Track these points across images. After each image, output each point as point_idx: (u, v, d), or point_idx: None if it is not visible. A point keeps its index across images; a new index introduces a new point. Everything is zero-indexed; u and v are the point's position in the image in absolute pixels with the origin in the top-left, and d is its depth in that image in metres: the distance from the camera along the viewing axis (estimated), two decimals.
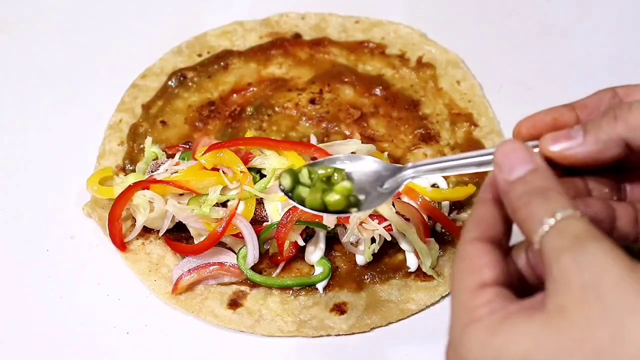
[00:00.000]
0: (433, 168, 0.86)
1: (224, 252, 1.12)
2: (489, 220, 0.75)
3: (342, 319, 1.08)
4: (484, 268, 0.72)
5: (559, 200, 0.69)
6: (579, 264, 0.65)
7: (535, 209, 0.70)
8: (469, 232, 0.75)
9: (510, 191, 0.72)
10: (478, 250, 0.73)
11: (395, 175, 0.90)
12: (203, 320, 1.09)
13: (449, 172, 0.85)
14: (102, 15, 1.48)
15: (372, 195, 0.90)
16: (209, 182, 1.12)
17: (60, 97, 1.35)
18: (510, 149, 0.74)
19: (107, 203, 1.17)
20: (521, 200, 0.71)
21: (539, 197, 0.70)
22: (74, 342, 1.07)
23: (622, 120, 0.76)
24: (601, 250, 0.65)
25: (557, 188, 0.71)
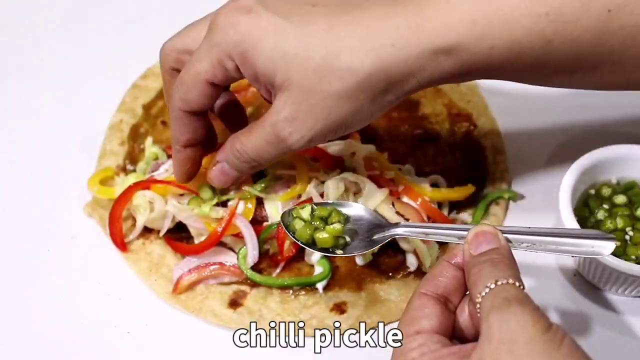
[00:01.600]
0: (420, 231, 0.98)
1: (224, 251, 1.13)
2: (441, 278, 0.87)
3: (342, 319, 1.08)
4: (423, 318, 0.84)
5: (504, 271, 0.82)
6: (501, 322, 0.76)
7: (484, 275, 0.82)
8: (421, 286, 0.87)
9: (471, 261, 0.85)
10: (422, 302, 0.85)
11: (386, 230, 1.00)
12: (203, 320, 1.09)
13: (433, 237, 0.98)
14: (102, 15, 1.48)
15: (360, 242, 1.01)
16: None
17: (61, 97, 1.35)
18: (481, 232, 0.87)
19: (108, 203, 1.17)
20: (476, 267, 0.84)
21: (490, 266, 0.83)
22: (74, 341, 1.07)
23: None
24: (522, 312, 0.77)
25: (508, 263, 0.84)
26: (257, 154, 0.97)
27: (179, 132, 1.01)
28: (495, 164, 1.24)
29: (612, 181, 1.13)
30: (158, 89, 1.34)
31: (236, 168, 1.01)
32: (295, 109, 0.91)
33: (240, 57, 0.91)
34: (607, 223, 1.08)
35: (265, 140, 0.95)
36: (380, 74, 0.88)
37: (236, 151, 0.99)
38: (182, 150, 1.03)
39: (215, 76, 0.94)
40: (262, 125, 0.95)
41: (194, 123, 1.00)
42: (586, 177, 1.11)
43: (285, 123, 0.92)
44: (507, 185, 1.22)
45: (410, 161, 1.23)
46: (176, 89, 0.97)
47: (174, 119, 1.00)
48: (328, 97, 0.89)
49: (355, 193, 1.12)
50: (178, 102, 0.98)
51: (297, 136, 0.92)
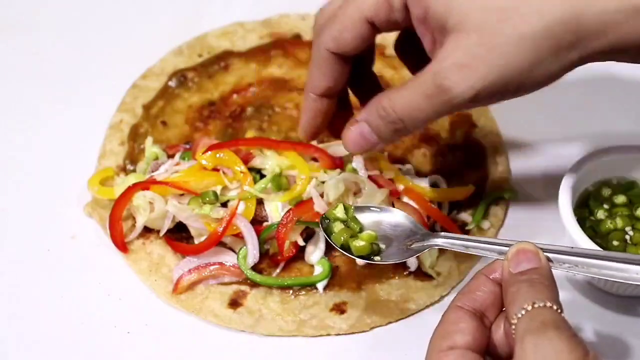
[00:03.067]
0: (460, 244, 0.94)
1: (224, 252, 1.13)
2: (478, 292, 0.85)
3: (342, 319, 1.08)
4: (457, 333, 0.81)
5: (542, 292, 0.79)
6: (536, 346, 0.74)
7: (521, 295, 0.80)
8: (457, 299, 0.85)
9: (510, 279, 0.82)
10: (457, 316, 0.83)
11: (425, 239, 0.97)
12: (203, 320, 1.09)
13: (473, 251, 0.93)
14: (102, 15, 1.48)
15: (397, 249, 0.99)
16: (209, 182, 1.12)
17: (61, 97, 1.35)
18: (522, 249, 0.84)
19: (108, 203, 1.17)
20: (514, 286, 0.81)
21: (528, 286, 0.80)
22: (74, 341, 1.07)
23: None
24: (558, 338, 0.74)
25: (547, 284, 0.81)
26: (408, 112, 0.85)
27: (318, 77, 0.92)
28: (495, 164, 1.24)
29: (612, 181, 1.13)
30: (158, 88, 1.35)
31: (378, 131, 0.90)
32: (467, 53, 0.80)
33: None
34: (607, 223, 1.08)
35: (422, 94, 0.83)
36: (571, 22, 0.79)
37: (382, 109, 0.87)
38: (317, 99, 0.94)
39: (377, 14, 0.85)
40: (419, 77, 0.84)
41: (338, 68, 0.91)
42: (586, 177, 1.11)
43: (453, 69, 0.81)
44: (507, 185, 1.22)
45: (410, 161, 1.23)
46: (327, 27, 0.89)
47: (317, 61, 0.91)
48: (509, 41, 0.79)
49: (355, 193, 1.12)
50: (328, 41, 0.88)
51: (464, 86, 0.81)
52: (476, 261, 1.14)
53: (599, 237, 1.08)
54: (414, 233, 1.00)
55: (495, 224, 1.17)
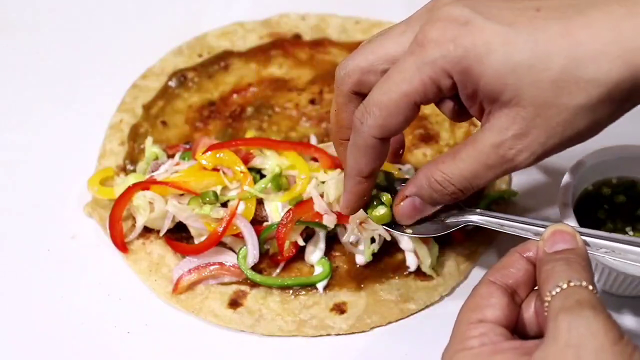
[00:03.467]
0: (496, 222, 0.95)
1: (224, 252, 1.12)
2: (511, 269, 0.84)
3: (342, 319, 1.08)
4: (487, 307, 0.81)
5: (579, 272, 0.78)
6: (570, 325, 0.73)
7: (556, 273, 0.78)
8: (490, 274, 0.84)
9: (545, 258, 0.82)
10: (489, 291, 0.82)
11: (461, 214, 0.98)
12: (203, 320, 1.09)
13: (508, 229, 0.94)
14: (102, 15, 1.48)
15: (431, 222, 0.98)
16: (209, 182, 1.12)
17: (61, 97, 1.35)
18: (559, 230, 0.84)
19: (108, 203, 1.17)
20: (549, 264, 0.80)
21: (564, 264, 0.79)
22: (74, 341, 1.07)
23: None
24: (594, 318, 0.73)
25: (583, 264, 0.80)
26: (468, 182, 0.88)
27: (365, 162, 0.91)
28: None
29: (613, 181, 1.13)
30: (158, 88, 1.35)
31: (432, 202, 0.92)
32: (526, 125, 0.82)
33: (462, 74, 0.82)
34: (607, 223, 1.08)
35: (483, 164, 0.86)
36: (627, 82, 0.79)
37: (435, 183, 0.89)
38: (364, 181, 0.93)
39: (426, 97, 0.85)
40: (476, 149, 0.86)
41: (384, 150, 0.91)
42: (586, 176, 1.11)
43: (514, 141, 0.83)
44: (507, 185, 1.22)
45: (410, 161, 1.23)
46: (371, 115, 0.87)
47: (362, 149, 0.89)
48: (566, 111, 0.81)
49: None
50: (373, 129, 0.87)
51: (527, 154, 0.84)
52: (477, 261, 1.14)
53: None
54: (450, 207, 0.98)
55: None
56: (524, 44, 0.79)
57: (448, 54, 0.81)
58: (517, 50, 0.79)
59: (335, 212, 1.09)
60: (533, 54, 0.79)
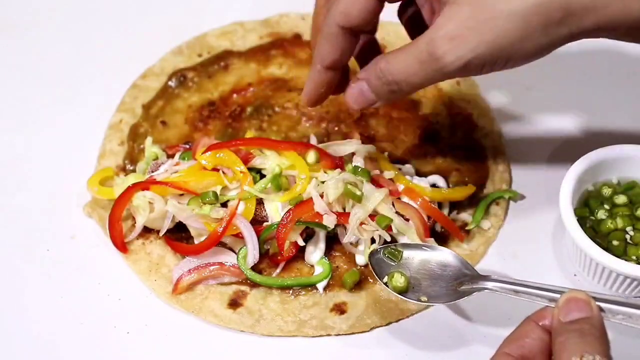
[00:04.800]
0: (510, 288, 0.94)
1: (224, 252, 1.12)
2: (527, 339, 0.83)
3: (342, 319, 1.08)
4: None
5: (592, 345, 0.77)
6: None
7: (570, 346, 0.78)
8: (504, 345, 0.83)
9: (559, 328, 0.81)
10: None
11: (474, 282, 0.98)
12: (203, 320, 1.09)
13: (524, 297, 0.93)
14: (102, 15, 1.48)
15: (445, 289, 1.00)
16: (209, 182, 1.12)
17: (61, 97, 1.35)
18: (573, 298, 0.83)
19: (107, 203, 1.17)
20: (563, 335, 0.80)
21: (577, 337, 0.79)
22: (74, 342, 1.07)
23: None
24: None
25: (598, 336, 0.79)
26: (403, 75, 0.90)
27: (327, 50, 0.95)
28: (496, 164, 1.24)
29: (613, 181, 1.13)
30: (158, 88, 1.35)
31: (376, 90, 0.95)
32: (459, 25, 0.84)
33: None
34: (607, 223, 1.08)
35: (416, 59, 0.88)
36: (561, 2, 0.82)
37: (379, 70, 0.92)
38: (323, 71, 0.98)
39: None
40: (415, 44, 0.89)
41: (346, 42, 0.95)
42: (586, 177, 1.11)
43: (445, 39, 0.85)
44: (507, 185, 1.22)
45: (410, 161, 1.23)
46: (336, 3, 0.92)
47: (325, 36, 0.94)
48: (500, 15, 0.83)
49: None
50: (337, 15, 0.92)
51: (454, 56, 0.86)
52: (477, 261, 1.14)
53: (600, 236, 1.08)
54: (463, 275, 1.00)
55: (495, 224, 1.17)
56: None
57: None
58: None
59: (335, 212, 1.09)
60: None
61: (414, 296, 1.00)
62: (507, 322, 1.06)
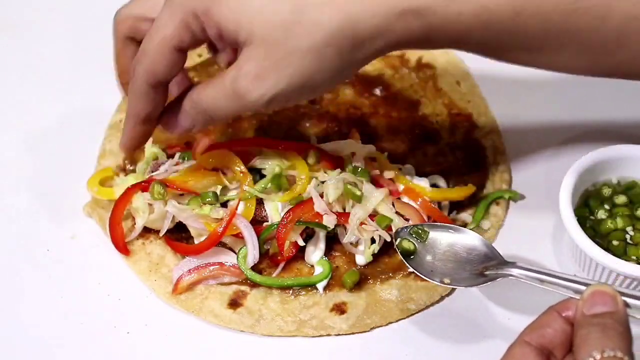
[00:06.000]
0: (536, 277, 0.95)
1: (224, 252, 1.12)
2: (548, 329, 0.82)
3: (342, 319, 1.08)
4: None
5: (614, 340, 0.77)
6: None
7: (591, 340, 0.77)
8: (525, 333, 0.83)
9: (582, 321, 0.80)
10: (524, 353, 0.81)
11: (500, 268, 0.98)
12: (203, 320, 1.09)
13: (549, 286, 0.93)
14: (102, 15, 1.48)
15: (470, 273, 0.99)
16: (209, 182, 1.12)
17: (61, 96, 1.35)
18: (599, 291, 0.82)
19: (107, 203, 1.17)
20: (585, 329, 0.79)
21: (599, 331, 0.78)
22: (74, 342, 1.07)
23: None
24: None
25: (621, 331, 0.78)
26: (212, 107, 0.95)
27: (140, 106, 0.98)
28: (496, 164, 1.24)
29: (613, 181, 1.13)
30: None
31: (190, 118, 0.99)
32: (257, 65, 0.89)
33: (205, 15, 0.89)
34: (607, 223, 1.08)
35: (223, 94, 0.92)
36: (348, 30, 0.87)
37: (192, 100, 0.96)
38: (139, 125, 1.01)
39: (182, 41, 0.92)
40: (221, 79, 0.93)
41: (157, 96, 0.98)
42: (586, 177, 1.11)
43: (246, 79, 0.90)
44: (507, 185, 1.22)
45: (410, 161, 1.23)
46: (139, 61, 0.95)
47: (136, 93, 0.97)
48: (293, 52, 0.87)
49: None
50: (143, 75, 0.95)
51: (256, 94, 0.90)
52: None
53: (599, 237, 1.08)
54: (489, 259, 1.00)
55: (495, 224, 1.17)
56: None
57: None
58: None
59: (335, 212, 1.09)
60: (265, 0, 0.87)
61: (437, 278, 1.00)
62: (507, 323, 1.07)
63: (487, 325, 1.07)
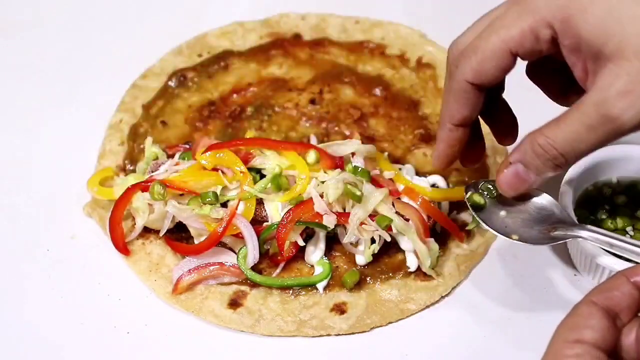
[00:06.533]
0: (605, 240, 0.93)
1: (224, 252, 1.12)
2: (615, 292, 0.80)
3: (342, 319, 1.08)
4: (586, 328, 0.77)
5: None
6: None
7: None
8: (592, 293, 0.80)
9: None
10: (590, 312, 0.79)
11: (569, 229, 0.97)
12: (203, 320, 1.09)
13: (618, 250, 0.92)
14: (102, 15, 1.48)
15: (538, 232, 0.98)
16: (209, 182, 1.12)
17: (61, 97, 1.35)
18: None
19: (107, 203, 1.17)
20: None
21: None
22: (74, 342, 1.07)
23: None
24: None
25: None
26: (570, 146, 0.85)
27: (457, 107, 0.92)
28: (496, 164, 1.24)
29: (613, 181, 1.13)
30: (158, 88, 1.35)
31: (536, 169, 0.90)
32: (631, 81, 0.79)
33: (564, 23, 0.81)
34: (607, 223, 1.08)
35: (584, 125, 0.83)
36: None
37: (539, 148, 0.87)
38: (454, 129, 0.94)
39: (522, 46, 0.85)
40: (579, 110, 0.83)
41: (476, 99, 0.91)
42: (587, 177, 1.11)
43: (618, 98, 0.80)
44: None
45: (410, 161, 1.23)
46: (467, 58, 0.89)
47: (455, 92, 0.91)
48: None
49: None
50: (468, 72, 0.88)
51: (632, 112, 0.80)
52: (477, 261, 1.14)
53: None
54: (559, 220, 0.98)
55: None
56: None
57: (551, 2, 0.82)
58: (623, 2, 0.79)
59: (335, 212, 1.09)
60: (638, 4, 0.78)
61: (506, 234, 0.99)
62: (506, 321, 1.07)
63: (487, 325, 1.07)
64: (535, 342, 1.04)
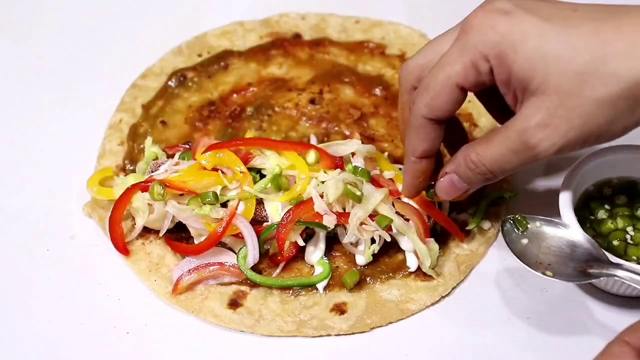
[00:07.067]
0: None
1: (224, 252, 1.12)
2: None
3: (342, 319, 1.08)
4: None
5: None
6: None
7: None
8: (625, 333, 0.83)
9: None
10: (622, 351, 0.81)
11: (605, 268, 0.98)
12: (203, 320, 1.09)
13: None
14: (102, 15, 1.48)
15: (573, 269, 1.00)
16: (209, 182, 1.12)
17: (61, 97, 1.35)
18: None
19: (107, 203, 1.17)
20: None
21: None
22: (74, 342, 1.07)
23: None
24: None
25: None
26: (497, 165, 0.94)
27: (417, 142, 0.99)
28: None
29: (613, 181, 1.13)
30: (157, 88, 1.35)
31: (467, 180, 0.99)
32: (549, 114, 0.87)
33: (498, 58, 0.89)
34: (607, 223, 1.08)
35: (509, 149, 0.92)
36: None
37: (470, 162, 0.96)
38: (417, 161, 1.01)
39: (466, 79, 0.92)
40: (504, 134, 0.92)
41: (435, 132, 0.98)
42: (587, 177, 1.11)
43: (537, 129, 0.88)
44: (507, 185, 1.22)
45: None
46: (420, 96, 0.95)
47: (414, 128, 0.98)
48: (588, 102, 0.86)
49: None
50: (422, 109, 0.95)
51: (547, 143, 0.89)
52: (477, 262, 1.14)
53: (600, 236, 1.08)
54: (595, 259, 1.00)
55: (495, 224, 1.17)
56: (556, 37, 0.86)
57: (486, 38, 0.89)
58: (549, 42, 0.86)
59: (335, 212, 1.09)
60: (563, 46, 0.86)
61: (539, 270, 1.00)
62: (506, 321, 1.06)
63: (487, 325, 1.07)
64: (536, 343, 1.05)
